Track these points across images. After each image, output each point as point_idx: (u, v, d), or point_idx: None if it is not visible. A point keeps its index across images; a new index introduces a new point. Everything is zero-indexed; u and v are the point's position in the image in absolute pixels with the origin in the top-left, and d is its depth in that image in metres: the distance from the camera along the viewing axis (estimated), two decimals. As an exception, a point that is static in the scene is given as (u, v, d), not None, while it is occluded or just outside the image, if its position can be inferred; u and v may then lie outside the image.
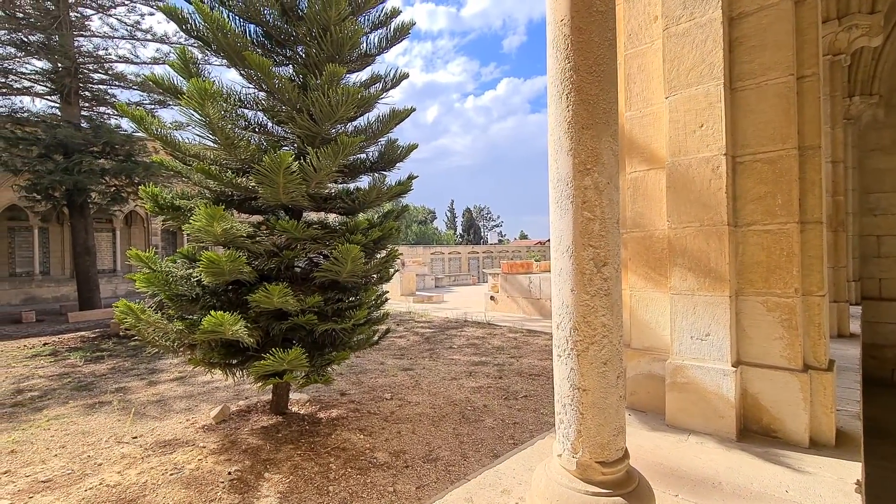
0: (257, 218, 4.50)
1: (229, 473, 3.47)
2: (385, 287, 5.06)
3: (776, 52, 2.03)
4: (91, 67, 12.97)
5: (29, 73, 12.42)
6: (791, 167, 2.01)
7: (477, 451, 3.86)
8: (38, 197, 12.27)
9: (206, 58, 11.01)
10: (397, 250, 4.74)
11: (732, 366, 2.01)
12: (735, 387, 1.99)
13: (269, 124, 4.46)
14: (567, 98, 1.10)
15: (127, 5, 13.12)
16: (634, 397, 2.45)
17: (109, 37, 13.36)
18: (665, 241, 2.23)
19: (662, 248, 2.26)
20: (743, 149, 2.06)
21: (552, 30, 1.15)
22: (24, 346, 8.93)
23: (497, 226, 77.84)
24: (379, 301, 4.80)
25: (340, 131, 4.34)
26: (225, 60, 4.19)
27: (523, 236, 76.94)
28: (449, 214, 75.82)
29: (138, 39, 13.54)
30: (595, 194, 1.09)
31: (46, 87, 12.56)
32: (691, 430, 2.09)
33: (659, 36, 2.26)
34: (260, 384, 3.90)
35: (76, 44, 12.50)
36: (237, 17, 4.22)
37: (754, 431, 2.04)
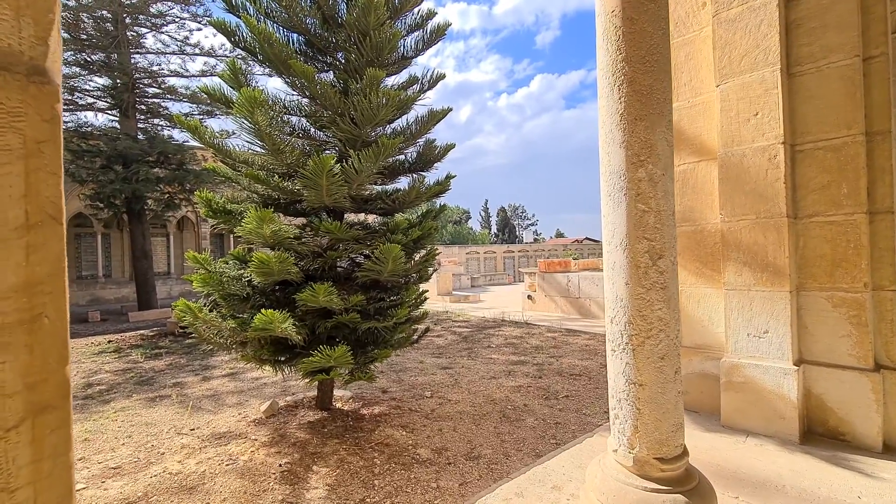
0: (301, 220, 4.66)
1: (280, 465, 3.62)
2: (423, 287, 5.12)
3: (839, 33, 1.90)
4: (146, 82, 13.86)
5: (91, 90, 13.43)
6: (857, 154, 1.88)
7: (519, 451, 3.84)
8: (101, 205, 13.23)
9: (250, 67, 11.53)
10: (436, 249, 4.79)
11: (794, 364, 1.90)
12: (797, 387, 1.88)
13: (312, 129, 4.61)
14: (619, 90, 1.09)
15: (177, 22, 13.92)
16: (687, 397, 2.37)
17: (162, 52, 14.23)
18: (717, 234, 2.15)
19: (714, 243, 2.17)
20: (803, 136, 1.95)
21: (602, 21, 1.14)
22: (91, 343, 9.66)
23: (532, 224, 76.89)
24: (418, 300, 4.86)
25: (380, 134, 4.43)
26: (269, 70, 4.39)
27: (559, 234, 75.64)
28: (483, 214, 75.61)
29: (187, 54, 14.34)
30: (649, 186, 1.07)
31: (107, 102, 13.53)
32: (749, 431, 2.00)
33: (708, 23, 2.18)
34: (307, 380, 4.05)
35: (133, 61, 13.39)
36: (281, 28, 4.40)
37: (819, 434, 1.92)
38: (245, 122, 3.68)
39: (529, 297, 12.78)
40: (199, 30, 14.57)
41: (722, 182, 2.09)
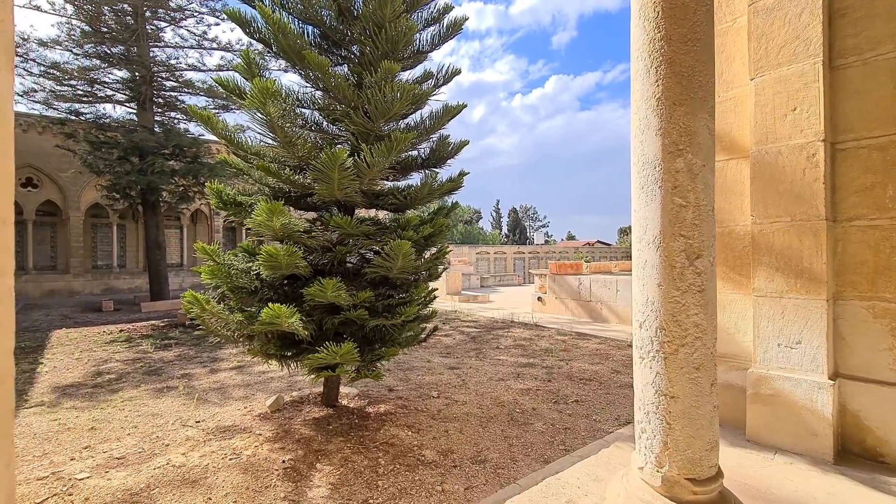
0: (312, 215, 4.63)
1: (283, 462, 3.57)
2: (432, 285, 5.05)
3: (889, 23, 1.77)
4: (164, 76, 14.01)
5: (111, 83, 13.61)
6: (905, 154, 1.75)
7: (527, 456, 3.75)
8: (117, 196, 13.43)
9: (266, 62, 11.63)
10: (447, 247, 4.71)
11: (829, 378, 1.77)
12: (832, 402, 1.75)
13: (325, 123, 4.56)
14: (656, 72, 0.99)
15: (196, 16, 14.06)
16: (706, 408, 2.25)
17: (180, 47, 14.39)
18: (747, 237, 2.02)
19: (744, 246, 2.05)
20: (845, 134, 1.82)
21: (638, -3, 1.04)
22: (104, 332, 9.77)
23: (543, 226, 76.53)
24: (427, 298, 4.79)
25: (393, 128, 4.37)
26: (284, 63, 4.34)
27: (570, 237, 75.21)
28: (494, 214, 75.39)
29: (205, 48, 14.49)
30: (688, 178, 0.96)
31: (125, 94, 13.70)
32: (777, 447, 1.87)
33: (742, 12, 2.05)
34: (313, 376, 4.00)
35: (151, 54, 13.55)
36: (296, 19, 4.36)
37: (855, 454, 1.79)
38: (257, 113, 3.64)
39: (539, 298, 12.63)
40: (218, 24, 14.71)
41: (754, 181, 1.97)
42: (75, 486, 3.29)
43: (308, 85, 4.39)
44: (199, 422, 4.48)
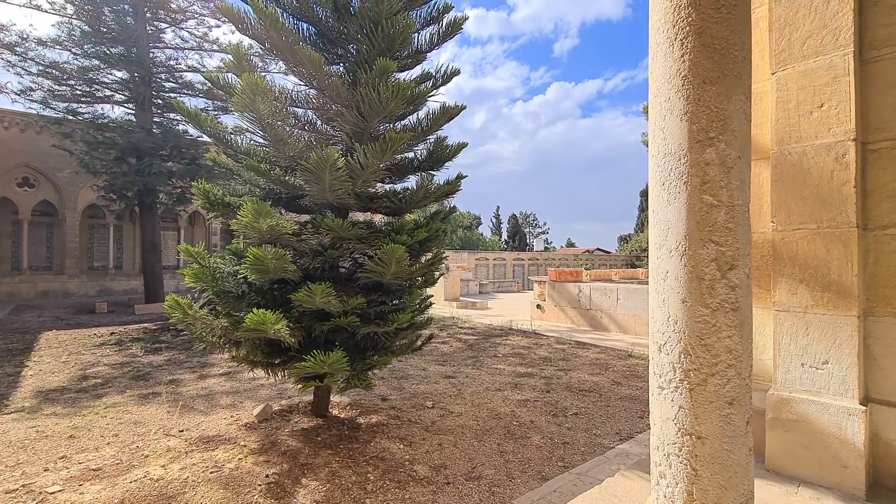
0: (306, 217, 4.47)
1: (267, 476, 3.39)
2: (429, 291, 4.89)
3: (925, 12, 1.62)
4: (163, 77, 13.90)
5: (110, 83, 13.50)
6: (943, 156, 1.59)
7: (523, 472, 3.56)
8: (114, 196, 13.27)
9: (266, 65, 11.56)
10: (443, 253, 4.54)
11: (860, 403, 1.60)
12: (863, 430, 1.58)
13: (319, 122, 4.42)
14: (682, 45, 0.83)
15: (196, 18, 13.99)
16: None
17: (180, 48, 14.32)
18: (767, 245, 1.86)
19: (762, 255, 1.89)
20: (878, 133, 1.66)
21: (660, -40, 0.89)
22: (95, 334, 9.58)
23: (543, 233, 76.31)
24: (423, 305, 4.62)
25: (388, 129, 4.22)
26: (284, 66, 4.20)
27: (570, 244, 75.03)
28: (494, 220, 75.17)
29: (206, 50, 14.42)
30: (720, 172, 0.80)
31: (124, 95, 13.58)
32: (801, 479, 1.69)
33: (762, 1, 1.90)
34: (300, 386, 3.82)
35: (151, 55, 13.44)
36: (291, 16, 4.23)
37: (888, 488, 1.61)
38: (247, 111, 3.49)
39: (539, 306, 12.45)
40: (219, 26, 14.65)
41: (775, 185, 1.80)
42: (45, 500, 3.11)
43: (303, 83, 4.25)
44: (182, 431, 4.29)
